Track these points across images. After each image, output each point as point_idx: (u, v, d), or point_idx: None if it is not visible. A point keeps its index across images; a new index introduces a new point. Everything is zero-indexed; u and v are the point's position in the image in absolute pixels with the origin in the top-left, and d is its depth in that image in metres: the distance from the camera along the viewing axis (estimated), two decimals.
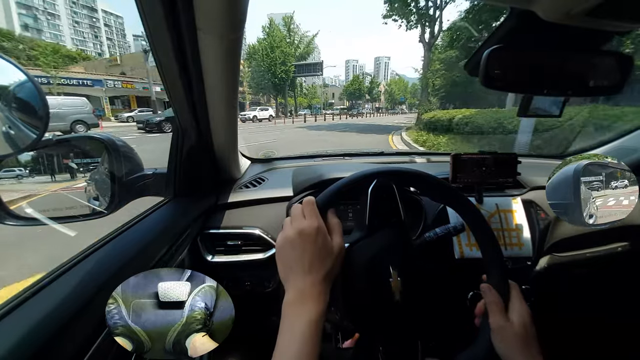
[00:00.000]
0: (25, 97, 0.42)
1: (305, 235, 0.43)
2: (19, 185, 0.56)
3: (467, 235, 0.85)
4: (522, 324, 0.44)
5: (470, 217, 0.52)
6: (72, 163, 0.63)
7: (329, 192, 0.48)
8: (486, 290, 0.48)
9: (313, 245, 0.42)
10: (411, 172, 0.53)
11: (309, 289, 0.40)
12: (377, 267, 0.48)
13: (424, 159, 1.32)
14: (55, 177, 0.60)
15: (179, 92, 0.61)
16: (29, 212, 0.56)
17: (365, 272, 0.48)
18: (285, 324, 0.39)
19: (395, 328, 0.51)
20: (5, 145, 0.42)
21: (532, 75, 0.45)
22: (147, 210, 0.71)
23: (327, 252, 0.43)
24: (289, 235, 0.43)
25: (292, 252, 0.43)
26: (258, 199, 0.93)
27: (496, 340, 0.45)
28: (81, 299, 0.43)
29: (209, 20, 0.47)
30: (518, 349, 0.43)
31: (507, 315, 0.46)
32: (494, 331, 0.45)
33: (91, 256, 0.51)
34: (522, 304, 0.47)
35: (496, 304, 0.47)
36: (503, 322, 0.45)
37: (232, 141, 0.86)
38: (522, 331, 0.44)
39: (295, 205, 0.48)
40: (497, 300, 0.47)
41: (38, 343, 0.35)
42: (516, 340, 0.44)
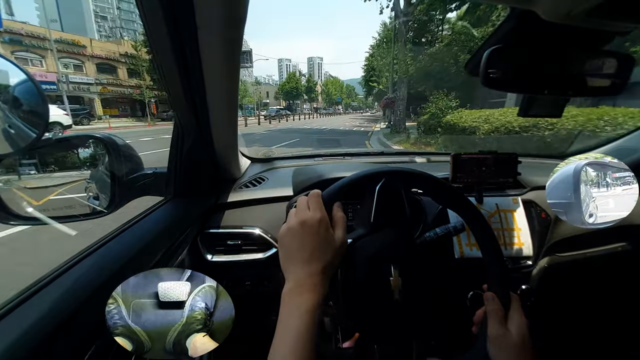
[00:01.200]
0: (25, 97, 0.42)
1: (307, 226, 0.43)
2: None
3: (467, 235, 0.85)
4: (520, 335, 0.44)
5: (478, 227, 0.52)
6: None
7: (336, 186, 0.49)
8: (489, 298, 0.48)
9: (314, 236, 0.43)
10: (416, 173, 0.53)
11: (307, 280, 0.41)
12: (378, 264, 0.48)
13: (424, 159, 1.32)
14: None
15: (178, 92, 0.61)
16: (30, 211, 0.56)
17: (366, 269, 0.48)
18: (283, 313, 0.39)
19: (392, 327, 0.51)
20: (5, 144, 0.42)
21: (533, 76, 0.45)
22: (147, 210, 0.71)
23: (328, 245, 0.43)
24: (292, 226, 0.44)
25: (293, 242, 0.43)
26: (258, 199, 0.93)
27: (493, 349, 0.45)
28: (81, 298, 0.43)
29: (209, 18, 0.47)
30: (513, 356, 0.43)
31: (506, 325, 0.46)
32: (491, 339, 0.45)
33: (91, 256, 0.51)
34: (521, 316, 0.47)
35: (496, 312, 0.47)
36: (502, 330, 0.45)
37: (232, 141, 0.86)
38: (519, 342, 0.44)
39: (301, 197, 0.48)
40: (499, 308, 0.47)
41: (38, 343, 0.35)
42: (513, 350, 0.44)
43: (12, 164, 0.55)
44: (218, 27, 0.48)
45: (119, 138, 0.65)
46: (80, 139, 0.69)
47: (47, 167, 0.60)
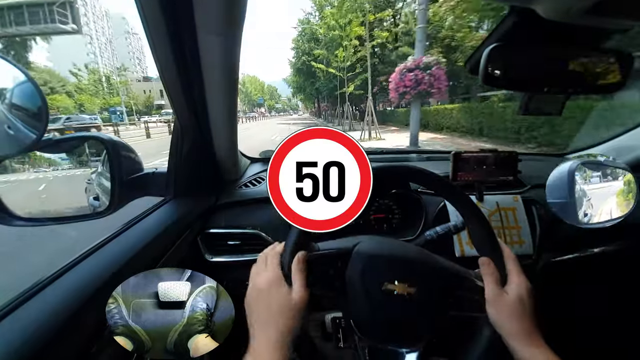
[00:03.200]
0: (25, 98, 0.42)
1: (257, 290, 0.44)
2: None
3: (467, 233, 0.85)
4: (517, 295, 0.45)
5: (450, 196, 0.52)
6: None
7: (291, 236, 0.46)
8: (484, 263, 0.49)
9: (266, 299, 0.43)
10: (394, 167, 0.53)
11: (262, 349, 0.40)
12: (374, 275, 0.48)
13: (424, 157, 1.31)
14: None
15: (178, 92, 0.61)
16: (30, 212, 0.56)
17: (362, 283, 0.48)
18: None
19: (399, 328, 0.51)
20: (5, 145, 0.42)
21: (533, 73, 0.45)
22: (147, 210, 0.71)
23: (280, 310, 0.42)
24: (249, 291, 0.45)
25: (250, 308, 0.44)
26: (258, 199, 0.93)
27: (491, 310, 0.46)
28: (82, 298, 0.43)
29: (208, 18, 0.46)
30: (510, 318, 0.44)
31: (504, 287, 0.47)
32: (488, 302, 0.46)
33: (91, 256, 0.51)
34: (518, 276, 0.47)
35: (492, 275, 0.47)
36: (498, 292, 0.45)
37: (232, 141, 0.86)
38: (516, 302, 0.45)
39: (261, 254, 0.48)
40: (494, 271, 0.47)
41: (38, 343, 0.35)
42: (509, 310, 0.44)
43: (11, 165, 0.55)
44: (218, 27, 0.48)
45: (118, 138, 0.65)
46: (80, 139, 0.69)
47: (47, 168, 0.60)
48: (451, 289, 0.49)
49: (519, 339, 0.44)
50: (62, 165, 0.62)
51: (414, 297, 0.46)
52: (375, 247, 0.50)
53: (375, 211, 0.92)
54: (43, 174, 0.59)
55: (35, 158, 0.59)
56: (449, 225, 0.60)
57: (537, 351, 0.42)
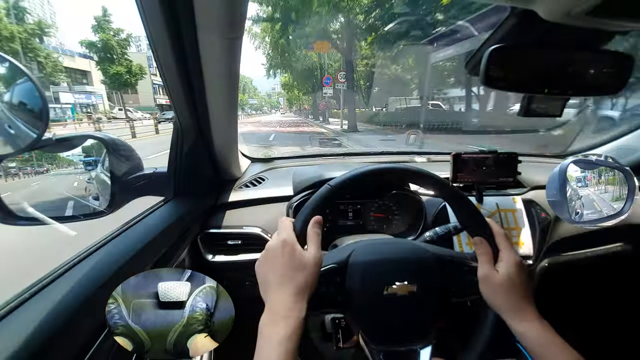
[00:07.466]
0: (24, 97, 0.42)
1: (271, 250, 0.45)
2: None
3: (467, 234, 0.85)
4: (507, 273, 0.46)
5: (433, 186, 0.53)
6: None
7: (309, 203, 0.48)
8: (477, 242, 0.50)
9: (279, 259, 0.43)
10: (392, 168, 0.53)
11: (280, 306, 0.41)
12: (376, 275, 0.48)
13: (424, 158, 1.31)
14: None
15: (179, 92, 0.61)
16: (29, 212, 0.56)
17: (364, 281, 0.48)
18: (259, 345, 0.39)
19: (402, 328, 0.51)
20: (5, 144, 0.42)
21: (533, 75, 0.45)
22: (147, 210, 0.71)
23: (296, 266, 0.43)
24: (261, 257, 0.46)
25: (264, 269, 0.45)
26: (258, 199, 0.93)
27: (483, 288, 0.48)
28: (81, 298, 0.43)
29: (209, 18, 0.47)
30: (500, 294, 0.46)
31: (495, 266, 0.48)
32: (480, 280, 0.48)
33: (91, 256, 0.51)
34: (509, 252, 0.48)
35: (485, 254, 0.49)
36: (489, 271, 0.47)
37: (232, 141, 0.86)
38: (505, 279, 0.46)
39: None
40: (487, 251, 0.49)
41: (38, 343, 0.35)
42: (499, 287, 0.46)
43: (11, 165, 0.55)
44: (218, 27, 0.48)
45: (118, 138, 0.65)
46: (80, 139, 0.69)
47: (47, 167, 0.60)
48: (450, 276, 0.50)
49: (511, 315, 0.45)
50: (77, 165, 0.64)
51: (417, 294, 0.47)
52: (368, 252, 0.51)
53: (375, 211, 0.92)
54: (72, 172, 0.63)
55: (57, 158, 0.62)
56: (448, 226, 0.60)
57: (529, 325, 0.44)
